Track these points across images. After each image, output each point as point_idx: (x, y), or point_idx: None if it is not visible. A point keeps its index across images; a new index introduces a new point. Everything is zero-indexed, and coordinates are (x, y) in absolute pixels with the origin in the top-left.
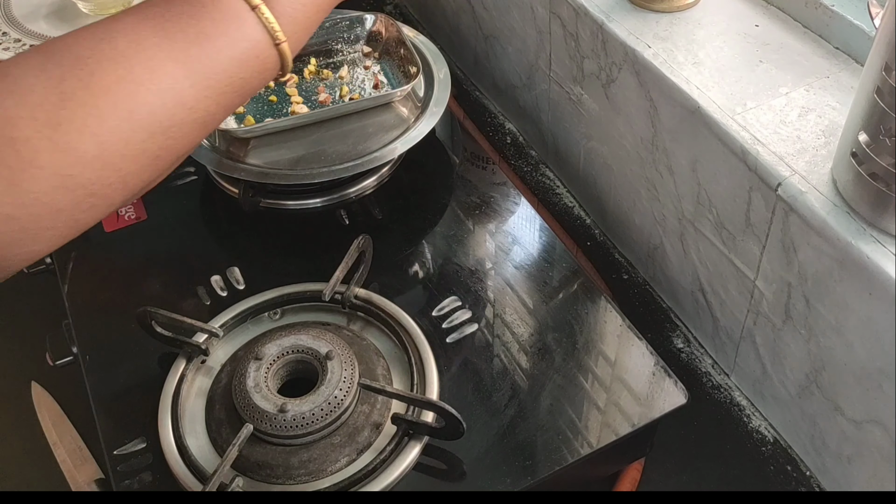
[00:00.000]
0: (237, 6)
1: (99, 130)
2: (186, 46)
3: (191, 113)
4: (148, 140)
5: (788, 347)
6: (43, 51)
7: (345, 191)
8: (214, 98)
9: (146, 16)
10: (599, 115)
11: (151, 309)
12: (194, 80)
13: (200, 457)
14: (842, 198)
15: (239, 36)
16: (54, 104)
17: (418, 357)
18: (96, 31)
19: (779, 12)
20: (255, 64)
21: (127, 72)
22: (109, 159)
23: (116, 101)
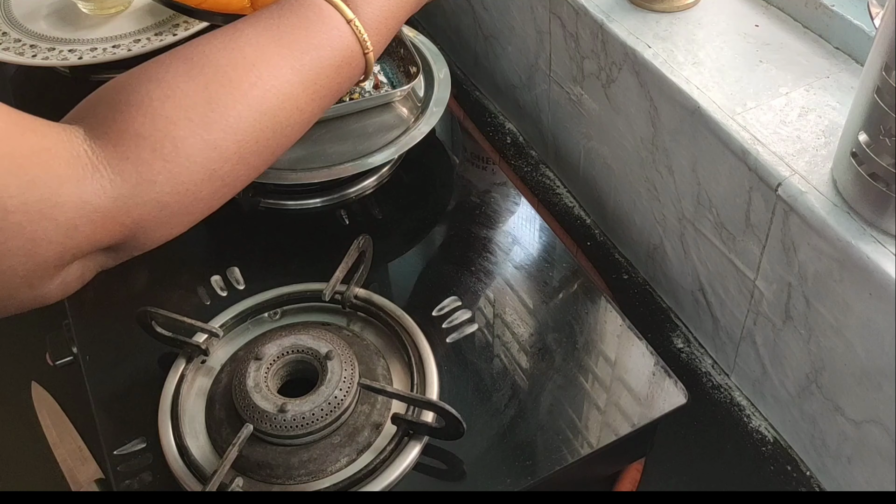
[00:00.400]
0: (336, 20)
1: (238, 129)
2: (300, 55)
3: (301, 114)
4: (271, 137)
5: (788, 347)
6: (183, 58)
7: (345, 191)
8: (318, 100)
9: (265, 27)
10: (599, 115)
11: (151, 309)
12: (306, 84)
13: (200, 457)
14: (842, 198)
15: (338, 46)
16: (203, 106)
17: (418, 357)
18: (226, 42)
19: (779, 12)
20: (349, 70)
21: (257, 78)
22: (244, 155)
23: (250, 104)
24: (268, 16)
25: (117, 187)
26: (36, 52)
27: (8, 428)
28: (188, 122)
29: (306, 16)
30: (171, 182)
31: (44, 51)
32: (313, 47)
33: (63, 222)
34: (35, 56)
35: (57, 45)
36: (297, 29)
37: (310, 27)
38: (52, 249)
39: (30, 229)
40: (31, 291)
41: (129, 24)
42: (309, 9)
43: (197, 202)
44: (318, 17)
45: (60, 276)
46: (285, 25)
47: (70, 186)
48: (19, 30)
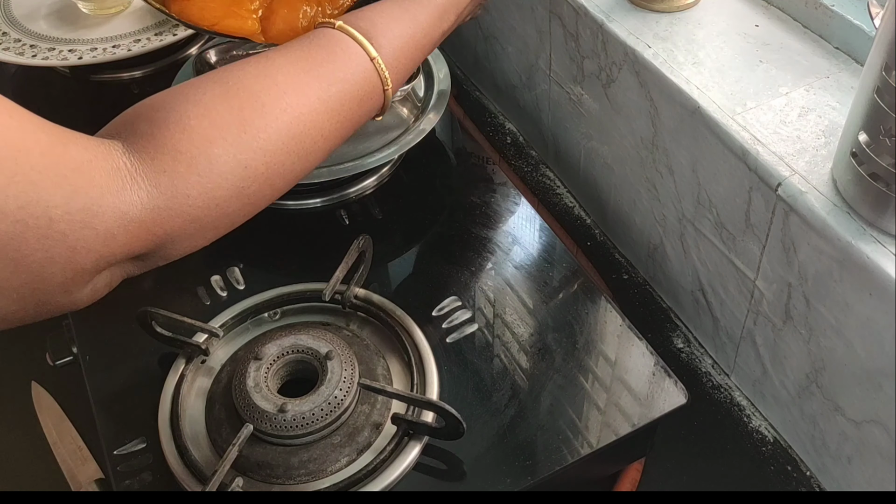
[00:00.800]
0: (361, 57)
1: (267, 151)
2: (328, 86)
3: (325, 141)
4: (296, 161)
5: (788, 347)
6: (220, 81)
7: (345, 191)
8: (340, 130)
9: (296, 58)
10: (599, 115)
11: (151, 309)
12: (331, 114)
13: (200, 457)
14: (842, 198)
15: (362, 80)
16: (238, 127)
17: (418, 357)
18: (259, 69)
19: (779, 12)
20: (369, 104)
21: (288, 105)
22: (270, 176)
23: (280, 128)
24: (298, 48)
25: (154, 199)
26: (36, 52)
27: (8, 428)
28: (223, 141)
29: (333, 51)
30: (204, 197)
31: (44, 51)
32: (339, 80)
33: (102, 231)
34: (35, 56)
35: (57, 45)
36: (326, 62)
37: (336, 61)
38: (90, 257)
39: (72, 238)
40: (66, 297)
41: (129, 24)
42: (336, 44)
43: (224, 217)
44: (344, 53)
45: (92, 283)
46: (314, 58)
47: (110, 197)
48: (19, 30)
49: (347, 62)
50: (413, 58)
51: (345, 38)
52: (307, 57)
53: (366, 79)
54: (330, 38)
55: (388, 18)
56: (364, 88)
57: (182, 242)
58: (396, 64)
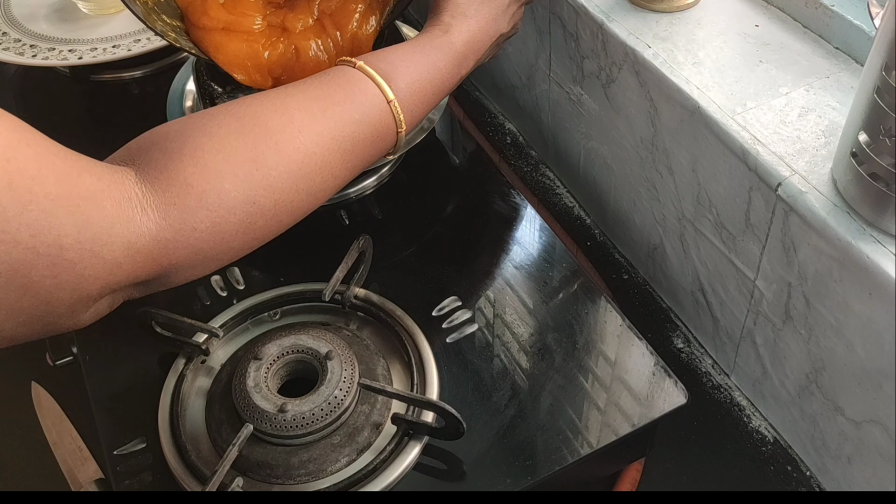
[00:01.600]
0: (378, 99)
1: (277, 189)
2: (342, 127)
3: (334, 180)
4: (304, 199)
5: (788, 347)
6: (236, 115)
7: (345, 191)
8: (351, 169)
9: (314, 96)
10: (599, 115)
11: (151, 309)
12: (344, 154)
13: (200, 457)
14: (842, 198)
15: (377, 122)
16: (249, 164)
17: (418, 357)
18: (276, 104)
19: (779, 12)
20: (382, 144)
21: (302, 144)
22: (278, 213)
23: (292, 167)
24: (316, 85)
25: (162, 230)
26: (36, 52)
27: (8, 428)
28: (234, 177)
29: (352, 91)
30: (211, 230)
31: (44, 51)
32: (354, 121)
33: (109, 260)
34: (35, 56)
35: (57, 45)
36: (343, 102)
37: (354, 101)
38: (96, 284)
39: (80, 266)
40: (71, 319)
41: (129, 24)
42: (355, 85)
43: (229, 250)
44: (361, 95)
45: (95, 306)
46: (331, 97)
47: (119, 227)
48: (19, 30)
49: (364, 103)
50: (429, 102)
51: (363, 78)
52: (325, 95)
53: (381, 120)
54: (349, 78)
55: (408, 63)
56: (378, 130)
57: (185, 272)
58: (412, 107)
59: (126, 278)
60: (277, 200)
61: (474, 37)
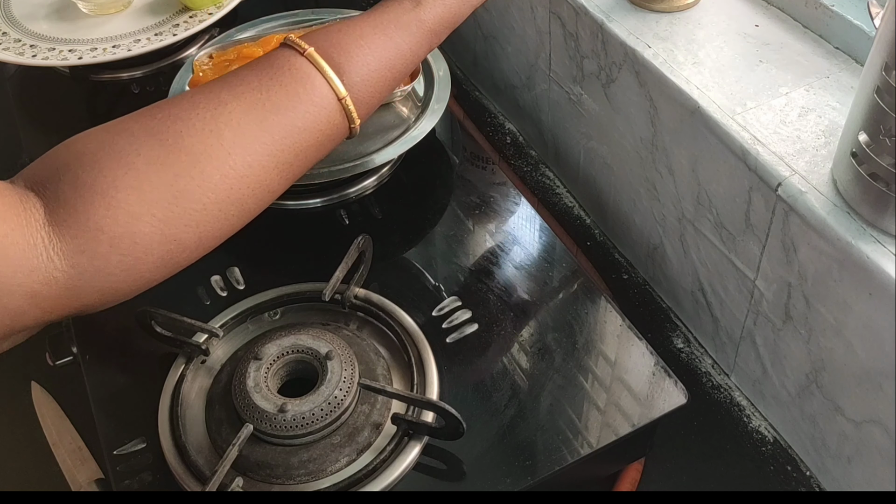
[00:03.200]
0: (328, 96)
1: (201, 222)
2: (281, 140)
3: (272, 194)
4: (235, 221)
5: (788, 347)
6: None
7: (345, 191)
8: (292, 177)
9: (249, 105)
10: (599, 115)
11: (151, 309)
12: (281, 168)
13: (200, 457)
14: (842, 198)
15: (325, 124)
16: (169, 202)
17: (418, 357)
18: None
19: (779, 12)
20: (330, 144)
21: (230, 168)
22: (205, 243)
23: (218, 196)
24: (256, 88)
25: (70, 279)
26: (36, 52)
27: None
28: (151, 217)
29: (297, 93)
30: (126, 272)
31: (44, 51)
32: (297, 130)
33: (12, 308)
34: (35, 56)
35: (57, 45)
36: (285, 110)
37: (297, 108)
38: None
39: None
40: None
41: (129, 24)
42: (300, 83)
43: (148, 283)
44: (308, 97)
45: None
46: (272, 104)
47: (22, 276)
48: (19, 30)
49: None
50: (388, 87)
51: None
52: (264, 102)
53: (329, 121)
54: (294, 74)
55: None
56: (326, 132)
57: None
58: (368, 99)
59: (34, 322)
60: (202, 233)
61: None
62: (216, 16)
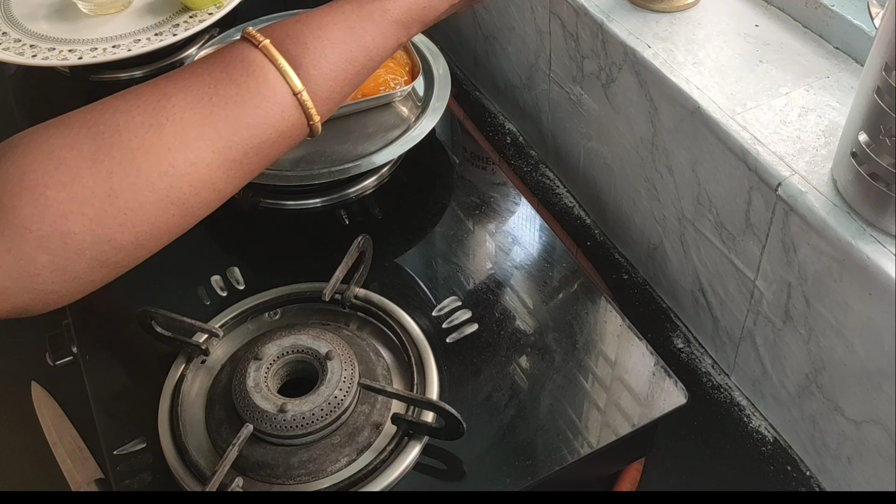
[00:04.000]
0: (282, 91)
1: (137, 222)
2: (228, 136)
3: (219, 194)
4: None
5: (788, 347)
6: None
7: (345, 191)
8: (242, 176)
9: (194, 99)
10: (599, 115)
11: (151, 309)
12: (228, 166)
13: (200, 457)
14: (842, 198)
15: (278, 120)
16: (102, 200)
17: (418, 357)
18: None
19: (779, 12)
20: (287, 141)
21: (170, 166)
22: (143, 243)
23: (156, 195)
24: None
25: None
26: (36, 52)
27: (8, 428)
28: (81, 216)
29: (248, 87)
30: (57, 273)
31: (44, 51)
32: (246, 126)
33: None
34: (35, 56)
35: (57, 45)
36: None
37: (247, 103)
38: None
39: None
40: None
41: (129, 24)
42: (252, 77)
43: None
44: (259, 91)
45: None
46: (220, 98)
47: None
48: (19, 30)
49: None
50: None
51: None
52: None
53: (284, 118)
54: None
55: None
56: (280, 129)
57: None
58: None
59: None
60: (139, 233)
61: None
62: (216, 16)
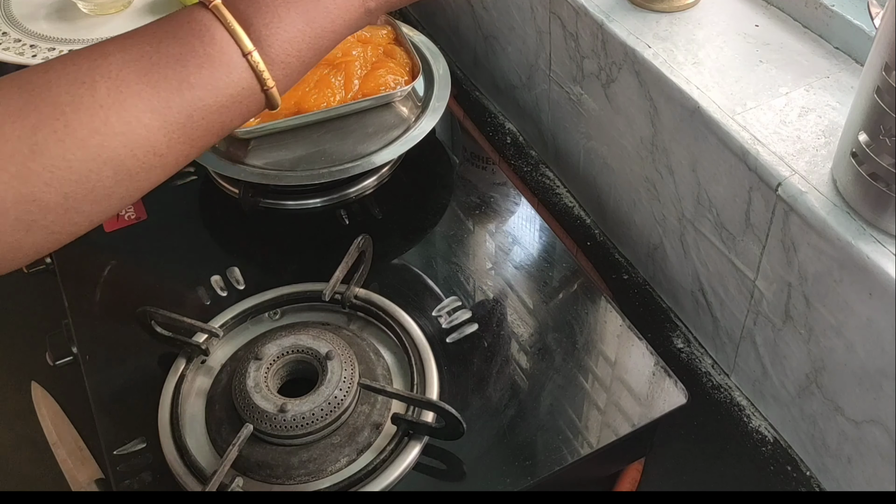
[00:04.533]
0: (229, 51)
1: (65, 181)
2: (168, 96)
3: (161, 159)
4: (115, 186)
5: (788, 347)
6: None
7: (345, 191)
8: (188, 143)
9: (133, 57)
10: (599, 115)
11: (151, 309)
12: (170, 129)
13: (200, 457)
14: (842, 198)
15: (225, 83)
16: (25, 156)
17: (418, 357)
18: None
19: (779, 12)
20: (239, 108)
21: (102, 123)
22: (74, 205)
23: (87, 153)
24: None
25: None
26: (36, 52)
27: (8, 428)
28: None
29: (192, 46)
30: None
31: (44, 51)
32: (189, 86)
33: None
34: (35, 56)
35: (57, 45)
36: (175, 62)
37: (190, 62)
38: None
39: None
40: None
41: (129, 24)
42: (197, 37)
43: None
44: (204, 50)
45: None
46: (162, 56)
47: None
48: (19, 30)
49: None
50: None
51: (213, 24)
52: (152, 54)
53: (233, 81)
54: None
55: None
56: (228, 92)
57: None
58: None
59: None
60: (69, 193)
61: None
62: None
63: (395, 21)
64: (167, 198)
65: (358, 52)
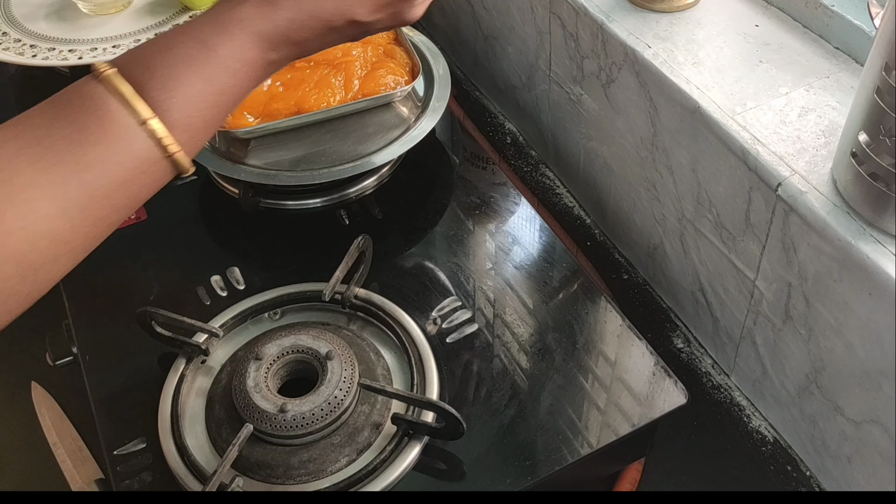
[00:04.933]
0: (124, 122)
1: None
2: (64, 180)
3: (67, 246)
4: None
5: (788, 347)
6: None
7: (345, 191)
8: (94, 224)
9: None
10: (599, 115)
11: (151, 309)
12: (71, 214)
13: (200, 457)
14: (842, 198)
15: (124, 157)
16: None
17: (418, 357)
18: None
19: (779, 12)
20: (144, 179)
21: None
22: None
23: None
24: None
25: None
26: (36, 52)
27: (8, 428)
28: None
29: (85, 123)
30: None
31: (44, 51)
32: (84, 167)
33: None
34: (35, 56)
35: (57, 45)
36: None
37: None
38: None
39: None
40: None
41: (129, 24)
42: (90, 113)
43: None
44: (99, 126)
45: None
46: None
47: None
48: (19, 30)
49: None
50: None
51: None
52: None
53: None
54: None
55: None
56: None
57: None
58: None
59: None
60: None
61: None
62: None
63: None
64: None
65: (358, 52)
